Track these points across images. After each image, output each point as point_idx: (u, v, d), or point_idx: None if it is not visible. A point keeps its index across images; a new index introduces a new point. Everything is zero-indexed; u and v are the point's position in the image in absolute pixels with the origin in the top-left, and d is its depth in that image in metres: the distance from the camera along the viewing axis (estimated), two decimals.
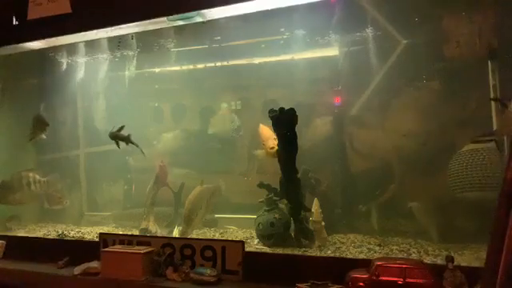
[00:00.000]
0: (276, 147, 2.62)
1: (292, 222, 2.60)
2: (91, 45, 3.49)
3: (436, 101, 2.86)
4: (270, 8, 2.60)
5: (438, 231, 2.57)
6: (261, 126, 2.93)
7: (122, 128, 3.08)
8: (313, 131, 3.24)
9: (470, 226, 2.52)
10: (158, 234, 3.05)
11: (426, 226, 2.64)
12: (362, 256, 2.32)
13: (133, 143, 3.08)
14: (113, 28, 2.88)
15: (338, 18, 2.93)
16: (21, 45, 3.21)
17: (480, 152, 2.45)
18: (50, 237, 3.18)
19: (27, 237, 3.21)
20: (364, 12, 2.92)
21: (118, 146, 3.09)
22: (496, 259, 1.46)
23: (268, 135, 2.78)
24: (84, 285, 2.38)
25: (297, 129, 2.45)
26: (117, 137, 3.07)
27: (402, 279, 1.76)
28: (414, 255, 2.30)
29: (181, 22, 2.77)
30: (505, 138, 2.40)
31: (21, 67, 3.88)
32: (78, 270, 2.42)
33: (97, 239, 2.62)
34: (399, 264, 1.81)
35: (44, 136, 3.40)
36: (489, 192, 2.34)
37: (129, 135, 3.07)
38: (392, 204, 2.89)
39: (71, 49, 3.64)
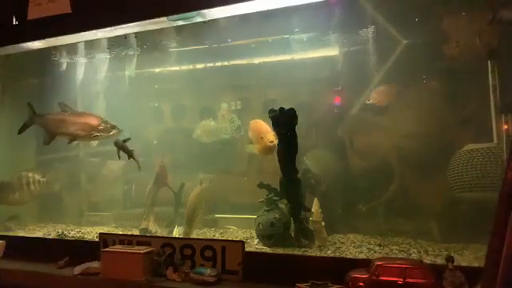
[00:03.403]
0: (276, 141, 2.59)
1: (292, 221, 2.60)
2: (91, 45, 3.50)
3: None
4: (269, 8, 2.60)
5: None
6: (256, 120, 2.90)
7: (127, 140, 3.08)
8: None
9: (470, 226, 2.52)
10: (158, 234, 3.05)
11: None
12: (362, 256, 2.32)
13: (134, 159, 3.08)
14: (113, 28, 2.88)
15: (338, 17, 2.93)
16: (21, 45, 3.21)
17: (480, 152, 2.45)
18: (50, 237, 3.18)
19: (27, 237, 3.21)
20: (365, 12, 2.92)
21: (119, 157, 3.08)
22: (496, 259, 1.46)
23: (266, 129, 2.75)
24: (84, 285, 2.37)
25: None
26: (121, 147, 3.07)
27: (401, 279, 1.76)
28: (414, 255, 2.31)
29: (181, 22, 2.77)
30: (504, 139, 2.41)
31: (21, 67, 3.89)
32: (78, 269, 2.41)
33: (97, 239, 2.62)
34: (399, 264, 1.81)
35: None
36: (489, 192, 2.34)
37: (132, 150, 3.08)
38: (392, 204, 2.90)
39: (70, 48, 3.63)
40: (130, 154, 3.07)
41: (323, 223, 2.52)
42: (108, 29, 2.89)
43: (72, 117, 3.19)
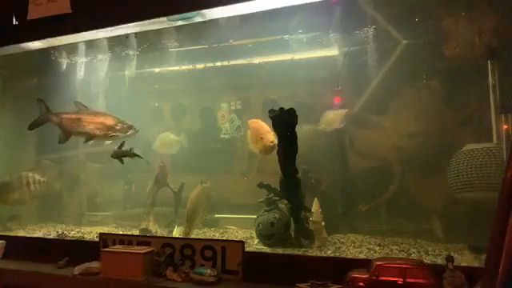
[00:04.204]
0: (276, 141, 2.59)
1: (292, 221, 2.60)
2: (91, 45, 3.49)
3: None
4: (269, 8, 2.60)
5: None
6: (256, 120, 2.90)
7: (122, 144, 3.06)
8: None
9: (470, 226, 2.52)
10: (158, 234, 3.05)
11: None
12: (362, 256, 2.32)
13: (137, 155, 3.06)
14: (113, 28, 2.88)
15: (338, 17, 2.93)
16: (21, 45, 3.21)
17: (480, 152, 2.45)
18: (50, 237, 3.18)
19: (27, 237, 3.21)
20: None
21: (122, 162, 3.06)
22: (496, 259, 1.45)
23: (266, 129, 2.75)
24: (84, 285, 2.37)
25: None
26: (120, 154, 3.05)
27: (401, 279, 1.76)
28: (413, 255, 2.30)
29: (181, 22, 2.77)
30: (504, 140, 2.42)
31: (21, 67, 3.89)
32: (78, 269, 2.41)
33: (97, 239, 2.62)
34: (399, 264, 1.81)
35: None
36: (489, 192, 2.34)
37: (131, 148, 3.05)
38: (392, 204, 2.90)
39: (69, 48, 3.63)
40: (133, 154, 3.05)
41: (323, 223, 2.52)
42: (108, 29, 2.90)
43: (88, 116, 3.16)
